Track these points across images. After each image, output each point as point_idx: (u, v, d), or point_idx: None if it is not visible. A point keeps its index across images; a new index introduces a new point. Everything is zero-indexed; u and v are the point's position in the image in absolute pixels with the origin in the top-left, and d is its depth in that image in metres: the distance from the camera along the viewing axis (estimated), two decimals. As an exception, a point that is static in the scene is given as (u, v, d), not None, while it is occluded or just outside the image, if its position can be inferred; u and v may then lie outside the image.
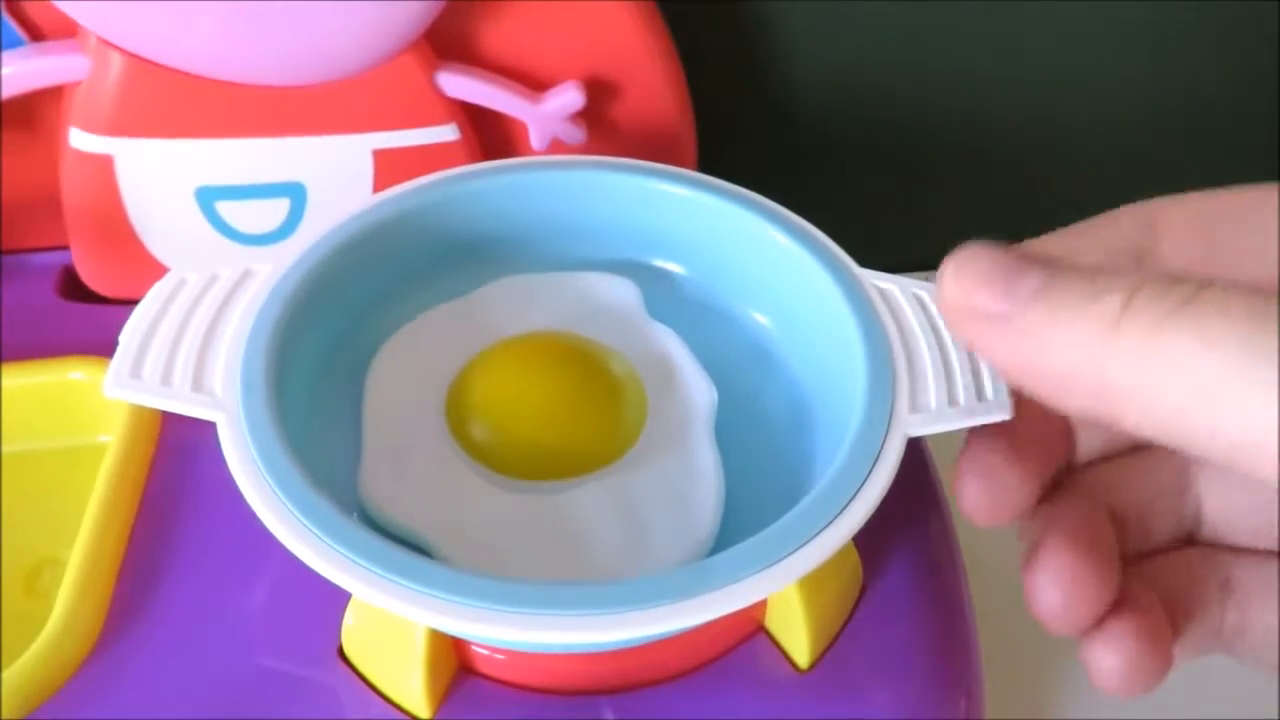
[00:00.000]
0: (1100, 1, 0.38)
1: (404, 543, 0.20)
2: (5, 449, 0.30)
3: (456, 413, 0.24)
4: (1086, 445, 0.22)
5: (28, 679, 0.23)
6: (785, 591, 0.23)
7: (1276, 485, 0.16)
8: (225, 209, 0.32)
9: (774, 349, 0.26)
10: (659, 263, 0.27)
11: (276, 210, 0.33)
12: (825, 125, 0.41)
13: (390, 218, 0.25)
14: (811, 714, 0.23)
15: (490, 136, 0.34)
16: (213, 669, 0.24)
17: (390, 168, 0.32)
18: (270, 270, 0.23)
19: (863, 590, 0.25)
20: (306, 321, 0.23)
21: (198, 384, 0.21)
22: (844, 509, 0.20)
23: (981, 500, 0.20)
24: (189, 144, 0.31)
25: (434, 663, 0.23)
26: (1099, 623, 0.20)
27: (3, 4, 0.30)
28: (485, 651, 0.24)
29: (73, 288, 0.34)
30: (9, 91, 0.30)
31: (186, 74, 0.30)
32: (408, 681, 0.23)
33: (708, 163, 0.36)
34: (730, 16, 0.38)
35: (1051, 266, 0.18)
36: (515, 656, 0.24)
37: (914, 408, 0.21)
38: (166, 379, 0.21)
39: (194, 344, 0.22)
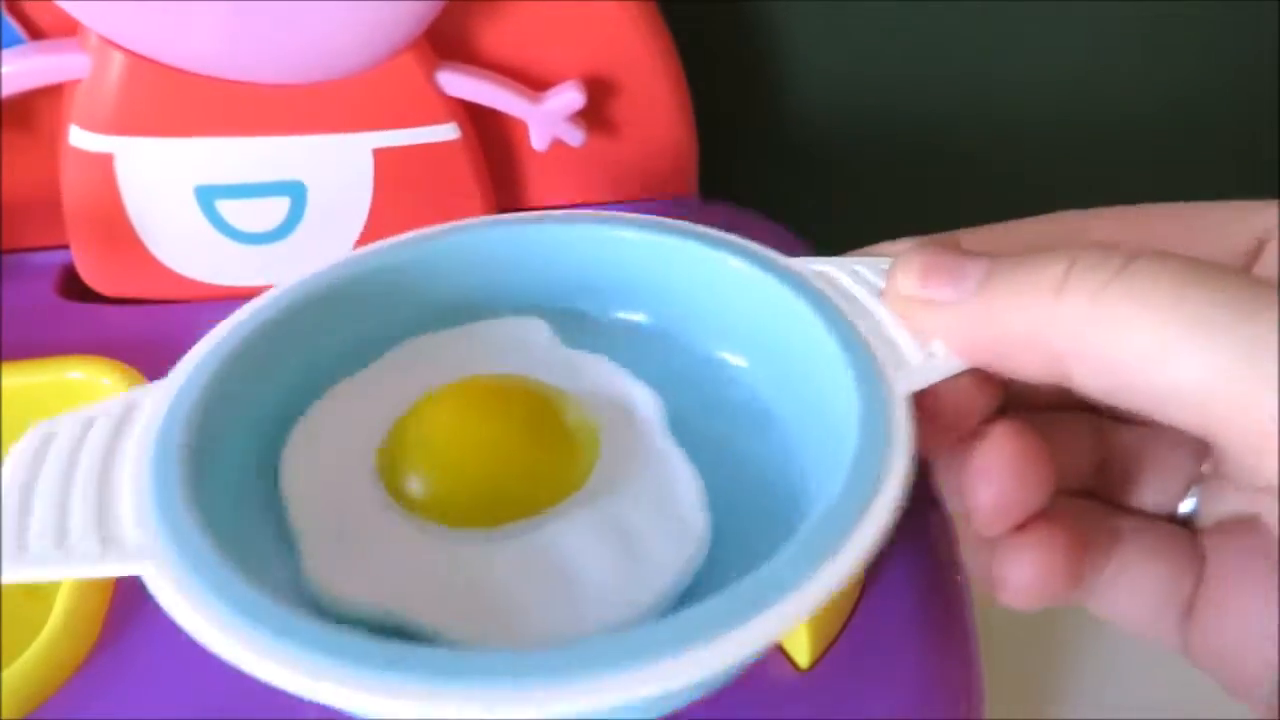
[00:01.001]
0: (1102, 1, 0.38)
1: (373, 626, 0.19)
2: (4, 449, 0.30)
3: (396, 472, 0.22)
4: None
5: (28, 679, 0.23)
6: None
7: (1209, 437, 0.17)
8: (225, 208, 0.32)
9: (749, 381, 0.25)
10: (621, 314, 0.26)
11: (276, 209, 0.33)
12: (825, 125, 0.41)
13: (288, 312, 0.23)
14: (811, 714, 0.23)
15: (490, 136, 0.34)
16: (212, 669, 0.24)
17: (390, 166, 0.32)
18: (162, 388, 0.21)
19: (863, 590, 0.25)
20: (213, 436, 0.21)
21: (104, 535, 0.18)
22: (879, 488, 0.18)
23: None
24: (189, 142, 0.31)
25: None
26: (1022, 527, 0.20)
27: (3, 3, 0.30)
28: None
29: (72, 287, 0.34)
30: (9, 90, 0.30)
31: (187, 72, 0.30)
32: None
33: (707, 163, 0.36)
34: (731, 17, 0.38)
35: (992, 257, 0.20)
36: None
37: (898, 364, 0.20)
38: (60, 540, 0.18)
39: (87, 491, 0.19)
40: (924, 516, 0.27)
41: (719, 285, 0.24)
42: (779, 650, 0.24)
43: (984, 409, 0.21)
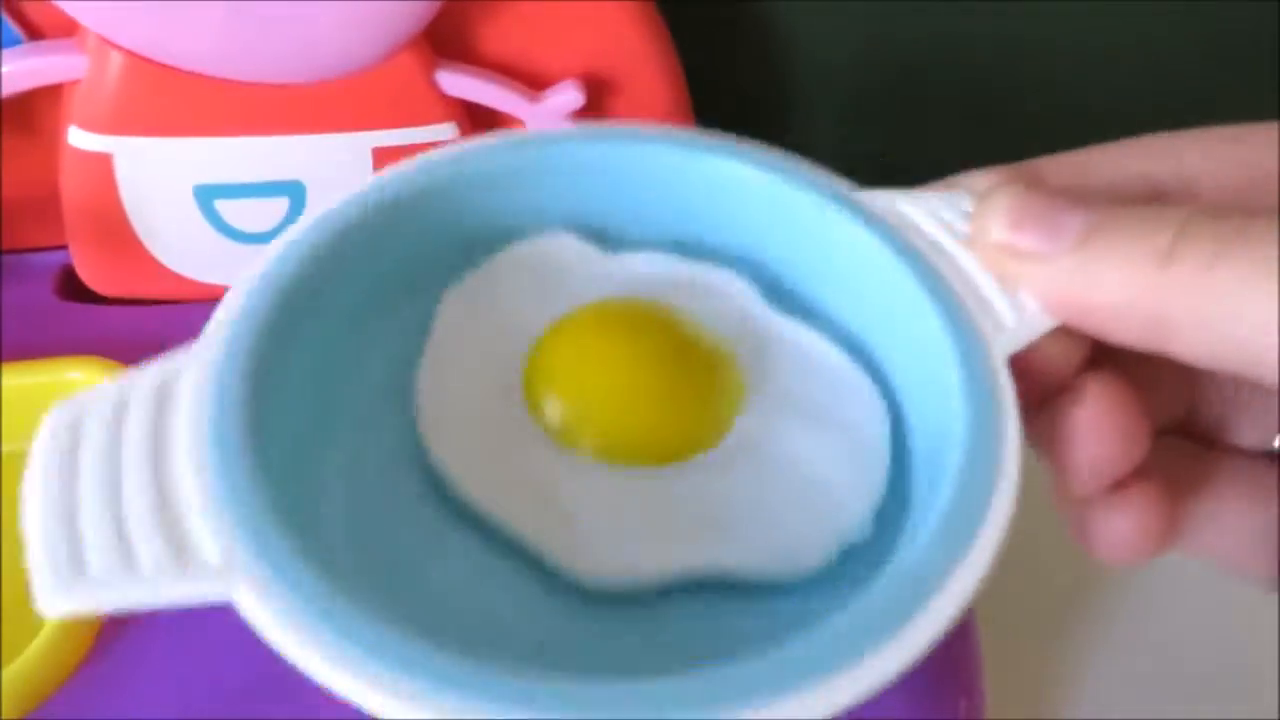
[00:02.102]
0: (1103, 2, 0.38)
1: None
2: (4, 449, 0.30)
3: (550, 405, 0.20)
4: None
5: (27, 679, 0.23)
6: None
7: None
8: (224, 208, 0.32)
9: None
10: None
11: (275, 209, 0.33)
12: (826, 125, 0.41)
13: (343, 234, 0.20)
14: (811, 714, 0.23)
15: None
16: (211, 669, 0.24)
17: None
18: (199, 353, 0.17)
19: (863, 590, 0.25)
20: (270, 388, 0.17)
21: (179, 550, 0.15)
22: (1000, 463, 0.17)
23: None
24: (188, 142, 0.31)
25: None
26: (1117, 485, 0.19)
27: (1, 2, 0.30)
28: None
29: (71, 288, 0.34)
30: (8, 90, 0.30)
31: (185, 72, 0.30)
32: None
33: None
34: (730, 17, 0.38)
35: (1091, 206, 0.18)
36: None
37: (995, 327, 0.19)
38: (128, 561, 0.15)
39: (144, 489, 0.15)
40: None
41: (808, 228, 0.21)
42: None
43: (1075, 362, 0.20)
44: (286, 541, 0.15)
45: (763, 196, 0.22)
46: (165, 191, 0.32)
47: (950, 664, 0.25)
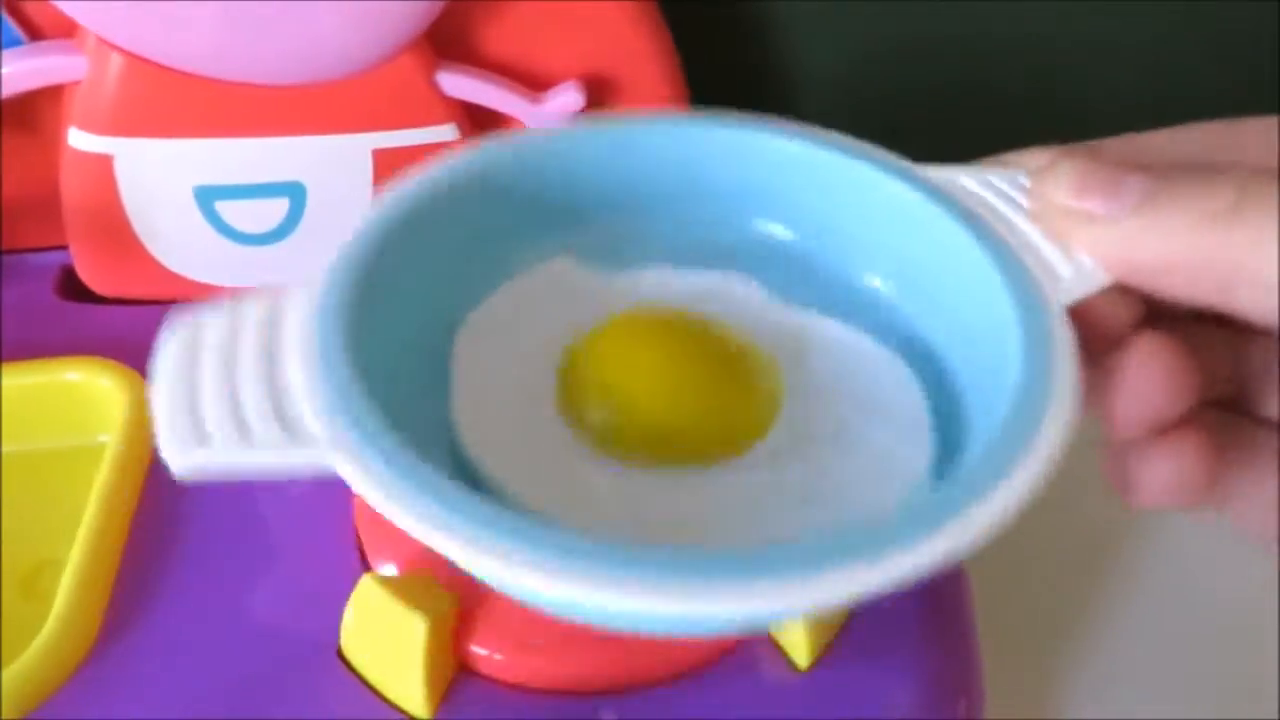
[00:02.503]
0: (1103, 1, 0.38)
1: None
2: (4, 449, 0.30)
3: (587, 412, 0.21)
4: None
5: (27, 679, 0.23)
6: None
7: None
8: (224, 209, 0.32)
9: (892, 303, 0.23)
10: (762, 226, 0.24)
11: (276, 210, 0.33)
12: (826, 124, 0.41)
13: (451, 185, 0.22)
14: (811, 714, 0.23)
15: None
16: (211, 669, 0.24)
17: (390, 167, 0.32)
18: (306, 290, 0.20)
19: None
20: (381, 313, 0.20)
21: (287, 425, 0.17)
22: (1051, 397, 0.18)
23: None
24: (188, 143, 0.31)
25: (433, 663, 0.23)
26: (1161, 432, 0.20)
27: (2, 3, 0.30)
28: (484, 652, 0.24)
29: (72, 288, 0.34)
30: (8, 91, 0.30)
31: (185, 73, 0.30)
32: (407, 682, 0.23)
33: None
34: (731, 16, 0.38)
35: (1151, 171, 0.19)
36: (515, 656, 0.24)
37: (1051, 280, 0.19)
38: (244, 434, 0.17)
39: (258, 380, 0.18)
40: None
41: (857, 198, 0.22)
42: (779, 650, 0.24)
43: (1127, 319, 0.20)
44: (374, 418, 0.17)
45: (811, 168, 0.23)
46: (165, 193, 0.32)
47: (950, 664, 0.25)
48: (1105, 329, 0.20)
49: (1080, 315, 0.20)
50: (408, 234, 0.21)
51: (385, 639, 0.23)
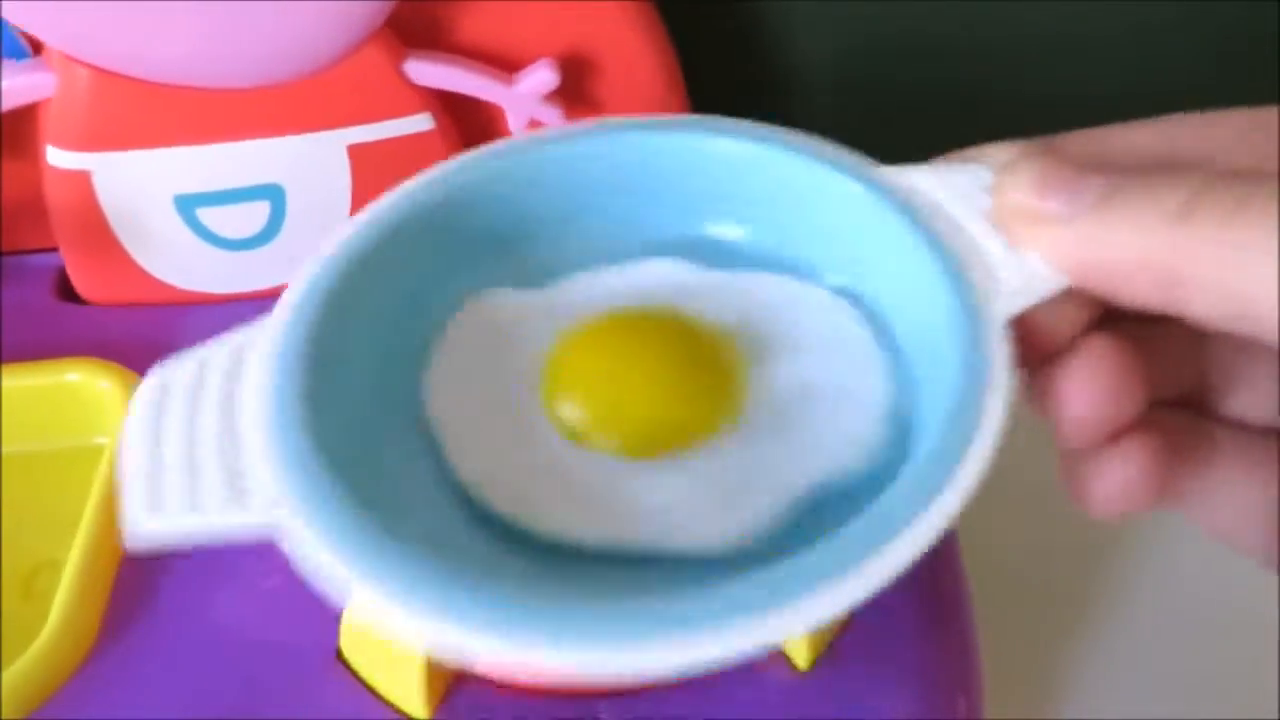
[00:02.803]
0: (1102, 2, 0.38)
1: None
2: (4, 450, 0.30)
3: (572, 410, 0.21)
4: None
5: (26, 680, 0.23)
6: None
7: None
8: (206, 215, 0.32)
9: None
10: (713, 229, 0.24)
11: (257, 214, 0.32)
12: (821, 119, 0.41)
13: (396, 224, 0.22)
14: (811, 714, 0.23)
15: (468, 124, 0.33)
16: (210, 670, 0.24)
17: (366, 162, 0.32)
18: (268, 326, 0.20)
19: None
20: (333, 360, 0.20)
21: (238, 491, 0.18)
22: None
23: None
24: (163, 153, 0.31)
25: (432, 665, 0.23)
26: (1112, 438, 0.19)
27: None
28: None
29: (70, 289, 0.34)
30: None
31: (154, 83, 0.30)
32: (406, 683, 0.23)
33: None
34: (726, 10, 0.38)
35: (1111, 171, 0.19)
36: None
37: (998, 289, 0.19)
38: (194, 500, 0.18)
39: (214, 441, 0.18)
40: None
41: (810, 198, 0.22)
42: (779, 650, 0.24)
43: (1080, 323, 0.20)
44: (329, 485, 0.17)
45: (763, 169, 0.22)
46: (146, 203, 0.32)
47: (950, 664, 0.25)
48: (1057, 333, 0.20)
49: (1032, 320, 0.19)
50: (361, 276, 0.21)
51: (384, 641, 0.23)
